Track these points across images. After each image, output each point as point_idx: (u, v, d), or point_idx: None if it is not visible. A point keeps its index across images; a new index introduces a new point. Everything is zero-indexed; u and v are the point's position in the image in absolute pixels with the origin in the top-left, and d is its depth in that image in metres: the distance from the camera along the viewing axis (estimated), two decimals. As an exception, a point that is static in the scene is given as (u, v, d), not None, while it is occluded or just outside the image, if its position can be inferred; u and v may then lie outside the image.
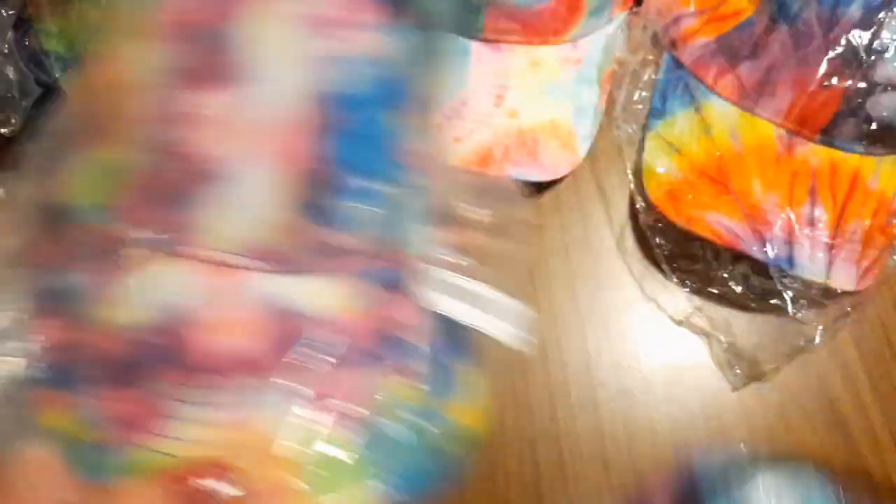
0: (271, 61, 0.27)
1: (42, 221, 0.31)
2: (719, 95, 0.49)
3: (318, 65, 0.27)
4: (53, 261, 0.30)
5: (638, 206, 0.47)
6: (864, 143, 0.46)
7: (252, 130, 0.28)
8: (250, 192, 0.28)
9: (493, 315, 0.32)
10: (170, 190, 0.28)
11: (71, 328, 0.30)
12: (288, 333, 0.29)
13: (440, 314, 0.31)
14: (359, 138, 0.29)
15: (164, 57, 0.28)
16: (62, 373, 0.29)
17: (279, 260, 0.29)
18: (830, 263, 0.44)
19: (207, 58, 0.27)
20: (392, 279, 0.31)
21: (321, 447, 0.28)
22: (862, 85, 0.44)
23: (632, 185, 0.49)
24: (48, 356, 0.30)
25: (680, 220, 0.45)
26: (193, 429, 0.28)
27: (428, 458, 0.31)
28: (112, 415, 0.28)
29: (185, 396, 0.28)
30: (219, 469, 0.27)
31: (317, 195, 0.28)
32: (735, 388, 0.46)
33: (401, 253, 0.31)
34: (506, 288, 0.33)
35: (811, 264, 0.44)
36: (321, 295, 0.29)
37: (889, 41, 0.43)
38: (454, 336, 0.33)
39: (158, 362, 0.28)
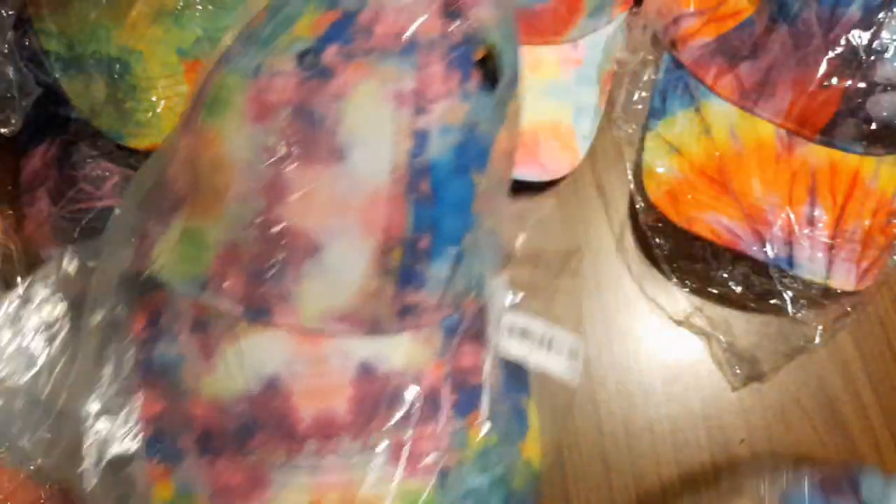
0: (359, 138, 0.29)
1: (132, 291, 0.32)
2: (719, 95, 0.49)
3: (404, 138, 0.29)
4: (148, 332, 0.31)
5: (638, 206, 0.48)
6: (863, 142, 0.46)
7: (341, 203, 0.29)
8: (339, 263, 0.29)
9: (550, 352, 0.34)
10: (263, 263, 0.29)
11: (172, 400, 0.30)
12: (374, 393, 0.30)
13: (503, 355, 0.33)
14: (439, 204, 0.30)
15: (256, 133, 0.29)
16: (165, 445, 0.30)
17: (365, 324, 0.30)
18: (830, 263, 0.44)
19: (299, 136, 0.29)
20: (462, 326, 0.32)
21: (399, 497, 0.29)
22: (862, 85, 0.44)
23: (631, 185, 0.49)
24: (150, 429, 0.30)
25: (680, 220, 0.45)
26: (297, 495, 0.29)
27: (500, 499, 0.32)
28: (217, 486, 0.29)
29: (291, 464, 0.29)
30: None
31: (399, 261, 0.30)
32: (735, 388, 0.46)
33: (470, 300, 0.33)
34: (561, 320, 0.35)
35: (811, 264, 0.44)
36: (401, 352, 0.31)
37: (888, 41, 0.43)
38: (516, 374, 0.34)
39: (262, 432, 0.29)
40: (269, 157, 0.29)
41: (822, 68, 0.45)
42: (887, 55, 0.43)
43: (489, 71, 0.31)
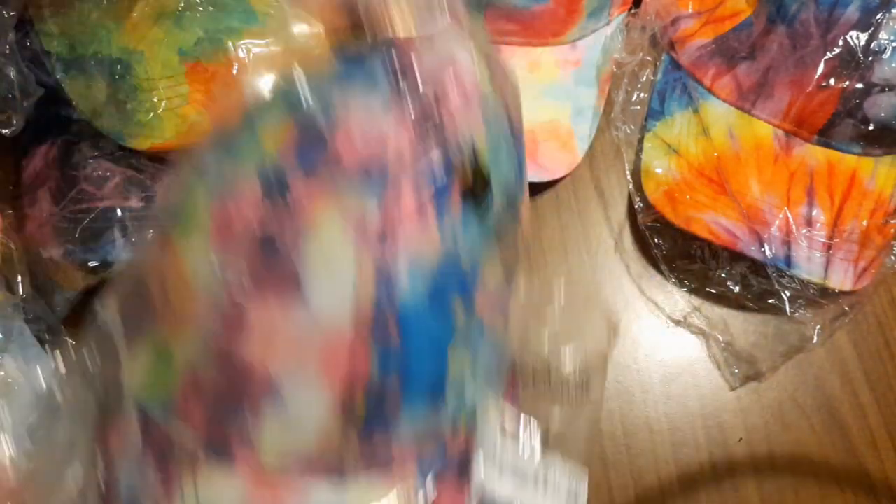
0: (319, 277, 0.27)
1: (104, 407, 0.31)
2: (717, 96, 0.49)
3: (367, 278, 0.26)
4: (114, 455, 0.30)
5: (636, 207, 0.48)
6: (861, 143, 0.46)
7: (299, 345, 0.27)
8: (298, 406, 0.28)
9: (545, 493, 0.32)
10: (222, 397, 0.28)
11: None
12: None
13: (488, 499, 0.31)
14: (408, 348, 0.28)
15: (218, 262, 0.27)
16: None
17: (328, 470, 0.29)
18: (828, 263, 0.44)
19: (259, 270, 0.27)
20: (442, 468, 0.30)
21: None
22: (859, 86, 0.44)
23: (630, 186, 0.49)
24: None
25: (678, 221, 0.45)
26: None
27: None
28: None
29: None
30: None
31: (364, 408, 0.28)
32: (733, 388, 0.46)
33: (455, 437, 0.31)
34: (565, 449, 0.32)
35: (809, 264, 0.44)
36: (367, 501, 0.29)
37: (886, 42, 0.44)
38: None
39: None
40: (228, 289, 0.27)
41: (820, 69, 0.45)
42: (885, 56, 0.44)
43: (478, 194, 0.28)
